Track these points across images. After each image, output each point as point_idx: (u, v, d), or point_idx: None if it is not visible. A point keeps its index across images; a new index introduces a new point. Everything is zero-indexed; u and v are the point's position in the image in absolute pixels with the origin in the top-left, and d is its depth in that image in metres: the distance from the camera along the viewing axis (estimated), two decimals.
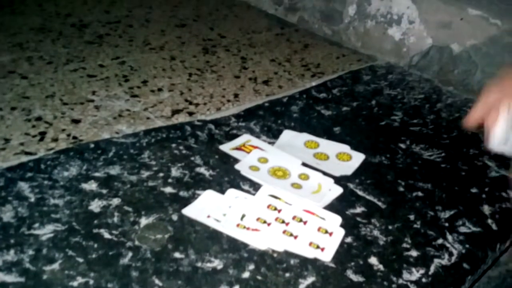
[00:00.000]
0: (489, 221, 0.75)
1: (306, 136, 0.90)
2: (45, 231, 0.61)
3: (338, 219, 0.70)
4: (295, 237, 0.65)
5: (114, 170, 0.74)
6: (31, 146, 0.79)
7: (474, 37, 1.18)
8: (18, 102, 0.92)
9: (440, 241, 0.69)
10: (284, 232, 0.66)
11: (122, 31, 1.33)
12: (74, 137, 0.83)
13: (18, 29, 1.24)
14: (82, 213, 0.65)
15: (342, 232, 0.68)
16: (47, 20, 1.33)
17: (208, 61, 1.22)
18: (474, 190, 0.82)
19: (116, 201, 0.68)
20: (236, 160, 0.81)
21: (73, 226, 0.62)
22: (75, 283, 0.54)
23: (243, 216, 0.68)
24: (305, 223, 0.68)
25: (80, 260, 0.58)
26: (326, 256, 0.63)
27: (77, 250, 0.59)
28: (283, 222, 0.68)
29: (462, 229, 0.72)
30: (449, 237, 0.70)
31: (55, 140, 0.81)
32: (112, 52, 1.19)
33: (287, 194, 0.73)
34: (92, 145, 0.80)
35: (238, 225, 0.67)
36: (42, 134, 0.83)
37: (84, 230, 0.62)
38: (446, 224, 0.73)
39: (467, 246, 0.69)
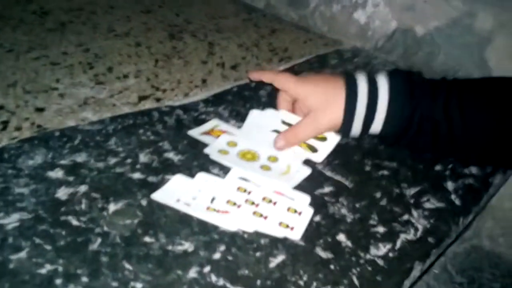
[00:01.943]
0: (453, 196, 0.77)
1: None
2: (11, 220, 0.60)
3: (307, 199, 0.71)
4: (265, 217, 0.66)
5: (81, 158, 0.73)
6: None
7: (437, 19, 1.21)
8: None
9: (406, 217, 0.71)
10: (254, 213, 0.67)
11: (85, 18, 1.30)
12: (39, 126, 0.81)
13: None
14: (48, 201, 0.64)
15: (311, 211, 0.69)
16: (6, 7, 1.29)
17: (175, 47, 1.21)
18: (438, 168, 0.84)
19: (83, 188, 0.67)
20: (205, 145, 0.81)
21: (40, 214, 0.61)
22: (43, 271, 0.54)
23: (213, 199, 0.68)
24: (274, 203, 0.69)
25: (48, 247, 0.57)
26: (296, 235, 0.64)
27: (44, 238, 0.58)
28: (253, 203, 0.68)
29: (427, 205, 0.74)
30: (415, 213, 0.72)
31: (18, 129, 0.79)
32: (76, 39, 1.17)
33: (257, 176, 0.74)
34: (57, 133, 0.78)
35: (208, 208, 0.67)
36: (5, 123, 0.80)
37: (51, 218, 0.61)
38: (412, 201, 0.75)
39: (431, 221, 0.71)
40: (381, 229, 0.68)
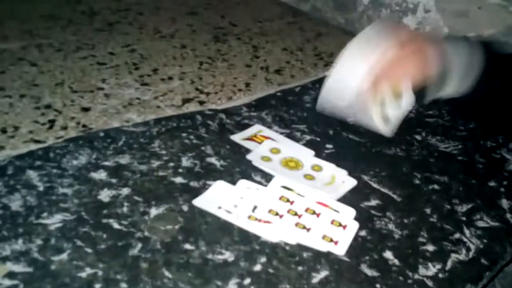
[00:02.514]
0: (508, 215, 0.73)
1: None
2: (54, 221, 0.60)
3: (352, 212, 0.68)
4: (308, 229, 0.64)
5: (124, 159, 0.73)
6: (40, 134, 0.78)
7: (493, 26, 1.15)
8: (27, 90, 0.91)
9: (457, 235, 0.67)
10: (296, 224, 0.65)
11: (132, 18, 1.32)
12: (84, 125, 0.82)
13: (27, 16, 1.23)
14: (91, 203, 0.64)
15: (356, 225, 0.66)
16: (57, 7, 1.32)
17: (219, 49, 1.20)
18: (492, 184, 0.79)
19: (125, 191, 0.67)
20: (248, 151, 0.79)
21: (82, 215, 0.61)
22: (83, 274, 0.53)
23: (255, 207, 0.67)
24: (318, 215, 0.66)
25: (89, 250, 0.56)
26: (340, 249, 0.62)
27: (85, 240, 0.58)
28: (295, 214, 0.66)
29: (480, 224, 0.70)
30: (467, 232, 0.68)
31: (64, 128, 0.80)
32: (122, 40, 1.18)
33: (300, 186, 0.72)
34: (101, 134, 0.78)
35: (249, 217, 0.65)
36: (52, 122, 0.82)
37: (93, 220, 0.61)
38: (464, 218, 0.71)
39: (485, 241, 0.67)
40: (430, 248, 0.64)
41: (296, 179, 0.73)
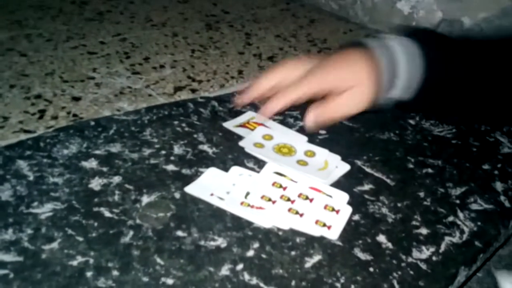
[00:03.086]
0: (502, 198, 0.73)
1: None
2: (44, 210, 0.59)
3: (345, 197, 0.68)
4: (301, 215, 0.64)
5: (115, 148, 0.72)
6: (30, 124, 0.77)
7: (486, 9, 1.14)
8: (17, 80, 0.90)
9: (451, 218, 0.67)
10: (289, 210, 0.64)
11: (123, 7, 1.30)
12: (74, 115, 0.81)
13: (16, 6, 1.21)
14: (82, 192, 0.63)
15: (349, 209, 0.66)
16: None
17: (212, 37, 1.19)
18: (486, 167, 0.79)
19: (117, 179, 0.66)
20: (240, 138, 0.79)
21: (73, 204, 0.61)
22: (74, 262, 0.53)
23: (247, 194, 0.66)
24: (311, 200, 0.66)
25: (80, 239, 0.56)
26: (333, 234, 0.61)
27: (77, 229, 0.57)
28: (288, 200, 0.66)
29: (474, 206, 0.70)
30: (460, 215, 0.68)
31: (54, 118, 0.80)
32: (113, 29, 1.17)
33: (293, 172, 0.71)
34: (92, 123, 0.78)
35: (242, 203, 0.65)
36: (42, 112, 0.81)
37: (84, 208, 0.61)
38: (457, 201, 0.71)
39: (478, 223, 0.67)
40: (424, 231, 0.64)
41: (289, 165, 0.73)
